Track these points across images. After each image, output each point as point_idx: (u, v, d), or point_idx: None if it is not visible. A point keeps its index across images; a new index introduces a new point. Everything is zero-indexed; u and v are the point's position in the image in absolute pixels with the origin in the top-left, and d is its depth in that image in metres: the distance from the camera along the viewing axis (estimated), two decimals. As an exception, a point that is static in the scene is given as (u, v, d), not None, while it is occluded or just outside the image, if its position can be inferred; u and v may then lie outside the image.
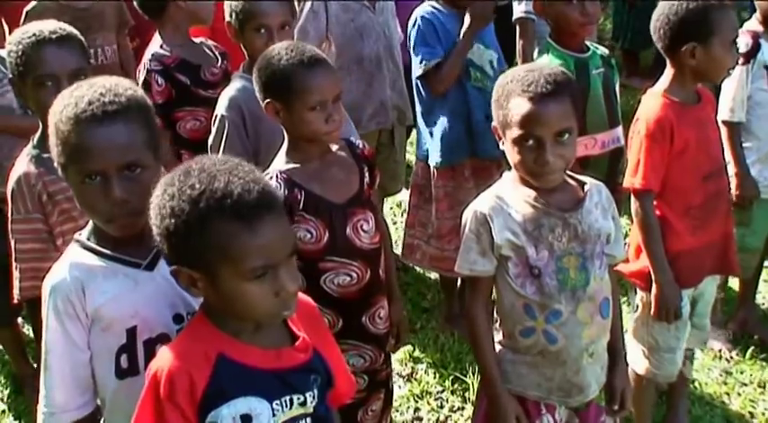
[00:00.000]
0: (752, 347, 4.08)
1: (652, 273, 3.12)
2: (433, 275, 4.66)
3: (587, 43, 3.55)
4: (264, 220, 1.75)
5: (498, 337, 2.60)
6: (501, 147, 2.50)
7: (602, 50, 3.63)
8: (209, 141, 3.23)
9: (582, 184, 2.55)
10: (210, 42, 3.78)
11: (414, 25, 3.94)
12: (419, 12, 3.95)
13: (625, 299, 4.03)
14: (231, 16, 3.26)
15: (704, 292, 3.32)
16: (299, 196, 2.62)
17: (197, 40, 3.74)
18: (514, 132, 2.40)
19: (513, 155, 2.44)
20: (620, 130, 3.57)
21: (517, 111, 2.38)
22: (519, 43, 4.72)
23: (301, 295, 2.02)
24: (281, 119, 2.67)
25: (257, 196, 1.75)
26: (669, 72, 3.13)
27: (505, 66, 4.19)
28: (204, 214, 1.73)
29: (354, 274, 2.70)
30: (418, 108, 4.10)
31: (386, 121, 4.40)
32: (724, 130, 3.68)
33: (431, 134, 4.01)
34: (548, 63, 3.29)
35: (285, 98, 2.62)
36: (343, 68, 4.28)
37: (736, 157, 3.77)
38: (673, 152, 3.07)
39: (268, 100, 2.66)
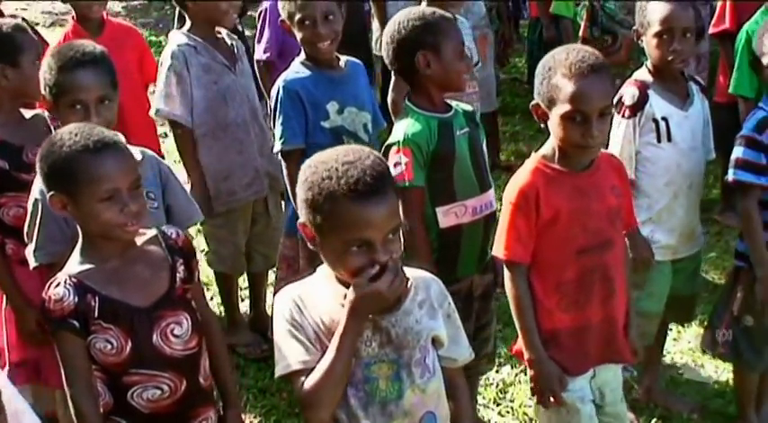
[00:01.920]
0: (654, 419, 3.79)
1: (523, 349, 2.86)
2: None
3: (449, 102, 3.28)
4: None
5: None
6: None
7: (466, 107, 3.36)
8: (25, 229, 2.90)
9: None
10: (47, 114, 3.42)
11: (276, 95, 3.64)
12: (282, 79, 3.66)
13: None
14: (45, 90, 2.94)
15: (607, 380, 3.02)
16: (92, 303, 2.30)
17: (30, 113, 3.37)
18: (341, 238, 2.07)
19: (332, 260, 2.13)
20: (491, 193, 3.32)
21: (345, 216, 2.05)
22: (390, 96, 4.45)
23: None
24: (70, 214, 2.36)
25: None
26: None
27: (384, 124, 3.94)
28: None
29: (166, 387, 2.38)
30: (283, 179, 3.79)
31: (262, 190, 4.17)
32: None
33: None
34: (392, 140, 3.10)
35: (71, 190, 2.32)
36: (208, 135, 4.03)
37: None
38: (541, 222, 2.82)
39: (52, 193, 2.35)
